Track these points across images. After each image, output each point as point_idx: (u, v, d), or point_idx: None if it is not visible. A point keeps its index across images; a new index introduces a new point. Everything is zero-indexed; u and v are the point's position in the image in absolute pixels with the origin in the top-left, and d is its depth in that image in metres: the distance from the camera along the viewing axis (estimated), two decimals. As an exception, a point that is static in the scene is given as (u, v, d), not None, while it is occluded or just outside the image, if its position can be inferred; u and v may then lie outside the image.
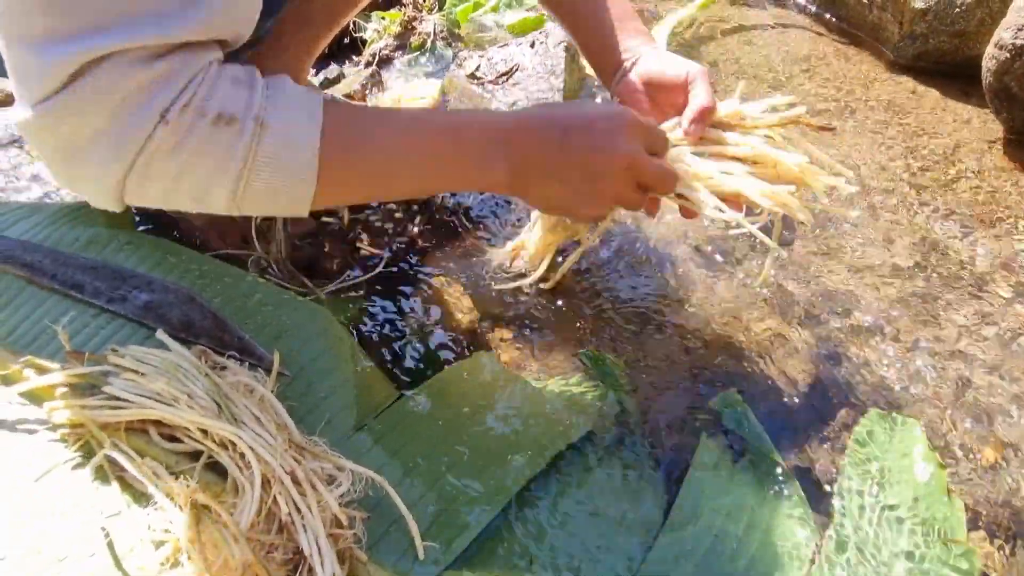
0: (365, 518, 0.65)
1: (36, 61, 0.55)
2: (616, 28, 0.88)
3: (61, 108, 0.56)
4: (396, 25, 1.52)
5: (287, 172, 0.62)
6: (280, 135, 0.61)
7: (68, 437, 0.70)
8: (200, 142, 0.59)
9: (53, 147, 0.59)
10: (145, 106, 0.57)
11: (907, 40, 1.44)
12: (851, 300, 0.98)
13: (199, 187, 0.62)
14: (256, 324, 0.83)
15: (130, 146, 0.58)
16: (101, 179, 0.60)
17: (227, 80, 0.61)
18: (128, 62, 0.56)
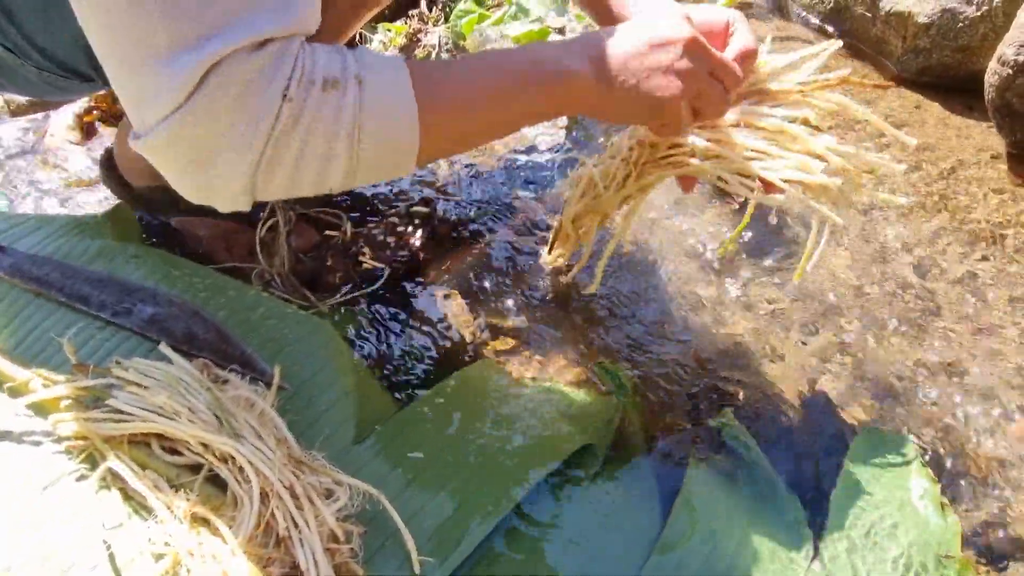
0: (362, 532, 0.66)
1: (162, 79, 0.56)
2: None
3: (191, 114, 0.57)
4: (402, 37, 1.53)
5: (392, 120, 0.65)
6: (378, 87, 0.64)
7: (72, 449, 0.71)
8: (314, 109, 0.61)
9: (187, 159, 0.60)
10: (267, 88, 0.59)
11: (910, 54, 1.44)
12: (847, 317, 0.99)
13: (321, 154, 0.63)
14: (259, 337, 0.84)
15: (261, 131, 0.59)
16: (235, 177, 0.61)
17: (322, 51, 0.63)
18: (239, 57, 0.57)
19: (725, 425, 0.83)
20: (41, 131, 1.47)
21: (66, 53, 0.84)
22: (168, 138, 0.58)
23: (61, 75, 0.88)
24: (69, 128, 1.44)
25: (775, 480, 0.78)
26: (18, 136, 1.48)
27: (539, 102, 0.72)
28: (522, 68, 0.71)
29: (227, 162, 0.60)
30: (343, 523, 0.65)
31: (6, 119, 1.54)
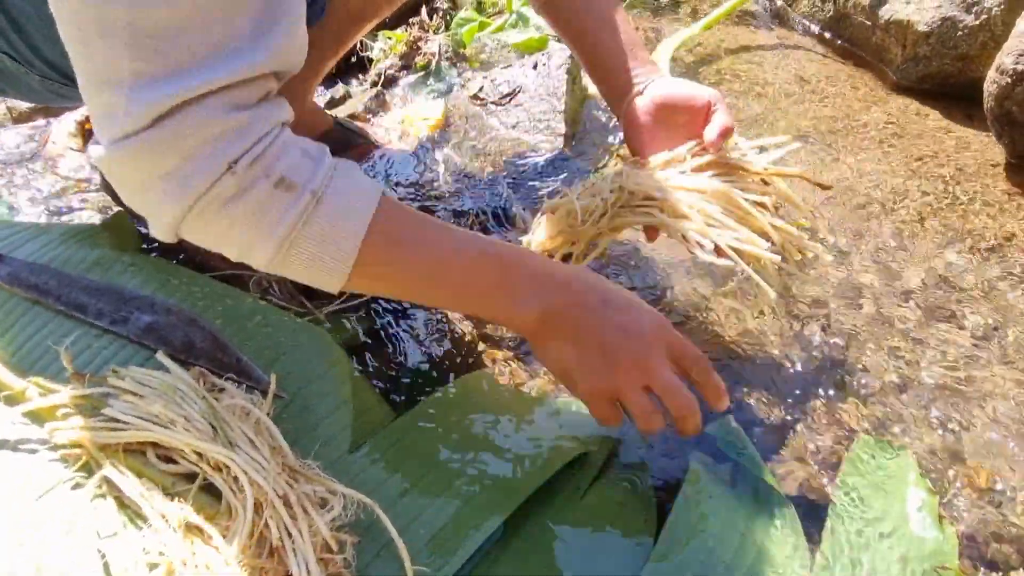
0: (356, 542, 0.66)
1: (123, 102, 0.57)
2: (626, 54, 0.90)
3: (140, 147, 0.58)
4: (402, 45, 1.54)
5: (327, 252, 0.64)
6: (330, 215, 0.63)
7: (68, 457, 0.71)
8: (257, 199, 0.61)
9: (125, 181, 0.62)
10: (218, 153, 0.59)
11: (910, 62, 1.44)
12: (848, 326, 0.99)
13: (246, 241, 0.64)
14: (256, 345, 0.85)
15: (194, 189, 0.60)
16: (162, 215, 0.62)
17: (298, 149, 0.64)
18: (210, 109, 0.58)
19: (723, 432, 0.83)
20: (43, 138, 1.48)
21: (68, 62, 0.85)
22: (117, 159, 0.60)
23: (63, 83, 0.89)
24: (71, 135, 1.45)
25: (772, 489, 0.78)
26: (20, 143, 1.48)
27: (482, 309, 0.75)
28: (489, 281, 0.70)
29: (158, 201, 0.61)
30: (337, 533, 0.65)
31: (8, 126, 1.55)
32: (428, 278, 0.70)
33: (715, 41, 1.61)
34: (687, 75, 1.48)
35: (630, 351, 0.68)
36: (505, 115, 1.31)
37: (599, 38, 0.91)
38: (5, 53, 0.83)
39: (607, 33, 0.91)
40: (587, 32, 0.92)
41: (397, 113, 1.38)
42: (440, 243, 0.69)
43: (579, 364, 0.69)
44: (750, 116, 1.37)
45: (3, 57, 0.83)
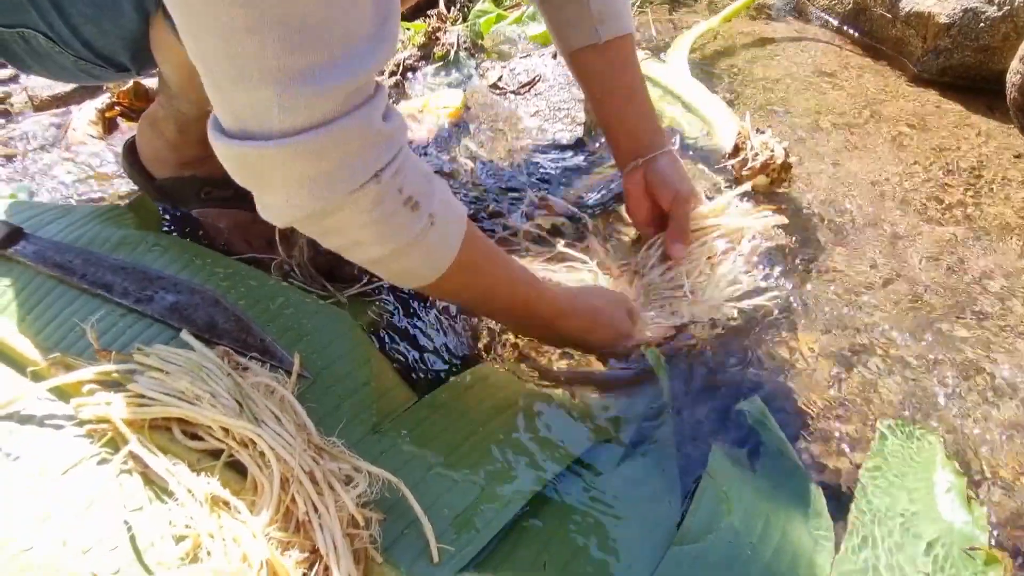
0: (381, 519, 0.66)
1: (275, 97, 0.55)
2: (638, 123, 1.02)
3: (298, 147, 0.57)
4: (420, 36, 1.54)
5: (426, 263, 0.72)
6: (438, 235, 0.70)
7: (94, 433, 0.72)
8: (388, 212, 0.65)
9: (263, 175, 0.61)
10: (369, 162, 0.62)
11: (931, 55, 1.43)
12: (873, 313, 0.98)
13: (360, 242, 0.68)
14: (279, 326, 0.85)
15: (340, 192, 0.62)
16: (295, 208, 0.63)
17: (418, 167, 0.68)
18: (369, 118, 0.60)
19: (755, 411, 0.83)
20: (64, 126, 1.49)
21: (107, 45, 0.86)
22: (268, 154, 0.58)
23: (98, 64, 0.89)
24: (91, 123, 1.46)
25: (799, 470, 0.77)
26: (41, 130, 1.49)
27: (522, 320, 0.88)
28: (517, 315, 0.86)
29: (300, 197, 0.62)
30: (363, 509, 0.65)
31: (30, 113, 1.56)
32: (484, 303, 0.87)
33: (732, 35, 1.61)
34: (706, 68, 1.48)
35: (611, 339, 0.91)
36: (524, 104, 1.31)
37: (618, 100, 1.01)
38: (41, 32, 0.84)
39: (625, 95, 1.01)
40: (609, 94, 1.01)
41: (416, 102, 1.38)
42: (499, 278, 0.81)
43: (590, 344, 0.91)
44: (767, 110, 1.37)
45: (38, 36, 0.84)
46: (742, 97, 1.40)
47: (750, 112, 1.27)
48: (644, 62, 1.46)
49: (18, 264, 0.85)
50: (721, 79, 1.46)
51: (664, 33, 1.59)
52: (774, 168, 1.12)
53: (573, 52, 0.99)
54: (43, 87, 1.58)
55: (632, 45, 1.00)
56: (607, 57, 0.98)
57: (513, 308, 0.84)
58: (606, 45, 0.97)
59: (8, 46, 0.86)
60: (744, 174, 1.12)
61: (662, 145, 1.01)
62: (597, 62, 0.99)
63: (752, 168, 1.11)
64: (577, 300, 0.89)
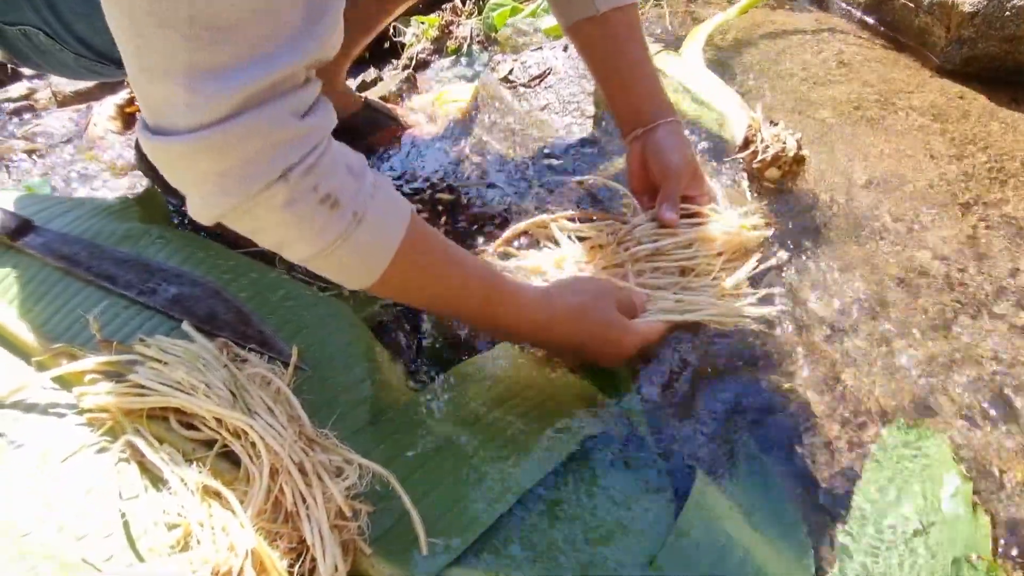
0: (370, 511, 0.67)
1: (182, 94, 0.56)
2: (640, 93, 0.99)
3: (201, 144, 0.58)
4: (434, 30, 1.54)
5: (360, 263, 0.70)
6: (368, 234, 0.68)
7: (94, 422, 0.73)
8: (303, 211, 0.63)
9: (176, 171, 0.62)
10: (277, 159, 0.61)
11: (954, 45, 1.39)
12: (882, 311, 0.96)
13: (284, 242, 0.67)
14: (279, 319, 0.85)
15: (248, 189, 0.61)
16: (209, 207, 0.63)
17: (343, 166, 0.66)
18: (276, 114, 0.59)
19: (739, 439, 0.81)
20: (84, 121, 1.52)
21: (103, 42, 0.87)
22: (175, 150, 0.59)
23: (97, 61, 0.90)
24: (111, 118, 1.48)
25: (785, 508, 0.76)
26: (63, 125, 1.52)
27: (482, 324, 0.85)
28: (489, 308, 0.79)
29: (210, 193, 0.62)
30: (351, 501, 0.65)
31: (53, 109, 1.59)
32: (438, 306, 0.83)
33: (751, 25, 1.58)
34: (723, 60, 1.46)
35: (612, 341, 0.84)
36: (535, 97, 1.30)
37: (619, 66, 0.99)
38: (41, 29, 0.85)
39: (628, 61, 0.98)
40: (609, 60, 0.99)
41: (428, 95, 1.38)
42: (451, 277, 0.77)
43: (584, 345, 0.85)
44: (785, 102, 1.34)
45: (39, 33, 0.85)
46: (759, 89, 1.38)
47: (762, 104, 1.24)
48: (658, 55, 1.44)
49: (27, 255, 0.86)
50: (738, 71, 1.43)
51: (681, 26, 1.56)
52: (785, 160, 1.10)
53: (572, 25, 0.98)
54: (67, 83, 1.61)
55: (634, 17, 0.98)
56: (606, 29, 0.96)
57: (472, 312, 0.80)
58: (605, 17, 0.95)
59: (14, 44, 0.87)
60: (755, 166, 1.10)
61: (664, 115, 0.99)
62: (596, 34, 0.97)
63: (763, 160, 1.09)
64: (555, 300, 0.82)
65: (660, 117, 0.98)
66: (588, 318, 0.82)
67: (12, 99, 1.60)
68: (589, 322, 0.82)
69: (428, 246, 0.75)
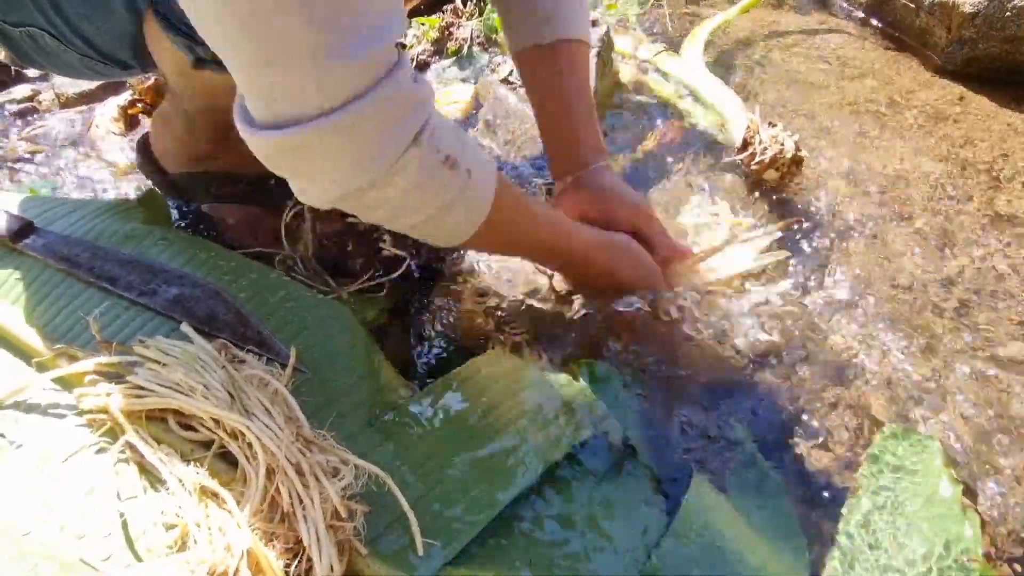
0: (367, 512, 0.67)
1: (312, 77, 0.55)
2: (576, 135, 0.96)
3: (341, 122, 0.57)
4: (434, 31, 1.54)
5: (467, 217, 0.72)
6: (476, 189, 0.70)
7: (94, 423, 0.73)
8: (430, 174, 0.65)
9: (303, 160, 0.61)
10: (407, 126, 0.61)
11: (955, 45, 1.39)
12: (880, 310, 0.96)
13: (408, 207, 0.68)
14: (278, 320, 0.86)
15: (385, 161, 0.61)
16: (337, 186, 0.63)
17: (447, 123, 0.67)
18: (401, 81, 0.59)
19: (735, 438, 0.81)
20: (88, 122, 1.52)
21: (107, 42, 0.87)
22: (311, 135, 0.58)
23: (101, 62, 0.91)
24: (113, 120, 1.49)
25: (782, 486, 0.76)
26: (66, 127, 1.53)
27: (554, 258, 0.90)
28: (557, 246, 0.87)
29: (344, 174, 0.62)
30: (348, 501, 0.66)
31: (56, 111, 1.60)
32: (518, 246, 0.87)
33: (752, 25, 1.58)
34: (722, 61, 1.46)
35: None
36: (534, 99, 1.30)
37: (561, 114, 0.96)
38: (46, 31, 0.86)
39: (570, 110, 0.95)
40: (553, 103, 0.96)
41: (427, 97, 1.39)
42: (531, 220, 0.82)
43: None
44: (786, 102, 1.34)
45: (44, 34, 0.86)
46: (760, 90, 1.38)
47: (761, 105, 1.25)
48: (658, 56, 1.45)
49: (28, 257, 0.87)
50: (739, 72, 1.43)
51: (681, 26, 1.57)
52: (783, 162, 1.10)
53: (519, 52, 0.95)
54: (70, 85, 1.62)
55: (583, 53, 0.95)
56: (550, 60, 0.93)
57: (546, 246, 0.85)
58: (552, 47, 0.92)
59: (19, 46, 0.88)
60: (753, 168, 1.10)
61: (599, 158, 0.95)
62: (539, 64, 0.94)
63: (761, 162, 1.10)
64: (603, 234, 0.90)
65: (594, 160, 0.95)
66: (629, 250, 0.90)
67: (16, 100, 1.61)
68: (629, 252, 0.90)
69: (512, 192, 0.78)
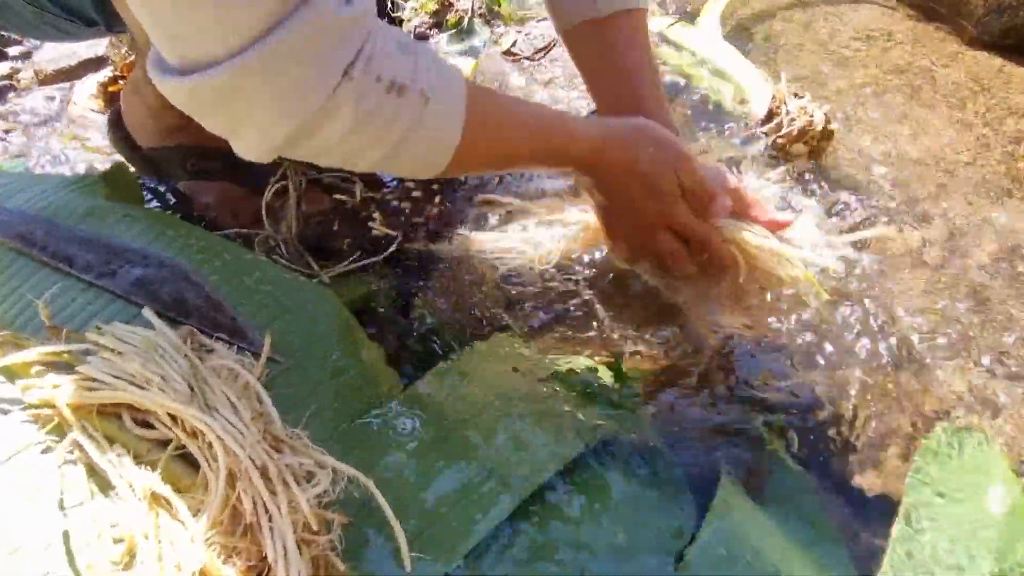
0: (346, 522, 0.58)
1: (214, 11, 0.50)
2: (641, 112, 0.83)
3: (257, 60, 0.51)
4: (433, 3, 1.45)
5: (434, 145, 0.65)
6: (437, 112, 0.63)
7: (39, 418, 0.65)
8: (373, 107, 0.58)
9: (224, 108, 0.56)
10: (335, 59, 0.54)
11: (993, 14, 1.29)
12: (923, 300, 0.86)
13: (356, 148, 0.62)
14: (254, 304, 0.77)
15: (311, 103, 0.55)
16: (268, 137, 0.57)
17: (394, 43, 0.60)
18: (323, 6, 0.52)
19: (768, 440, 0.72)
20: (66, 100, 1.44)
21: None
22: (229, 79, 0.52)
23: (64, 18, 0.83)
24: (92, 97, 1.41)
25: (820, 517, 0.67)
26: (43, 104, 1.45)
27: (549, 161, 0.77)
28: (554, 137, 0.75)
29: (271, 120, 0.56)
30: (323, 511, 0.57)
31: (35, 88, 1.52)
32: (511, 161, 0.78)
33: (772, -4, 1.48)
34: (742, 32, 1.36)
35: (651, 209, 0.78)
36: (539, 71, 1.21)
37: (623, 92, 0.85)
38: None
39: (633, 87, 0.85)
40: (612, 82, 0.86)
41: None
42: (514, 131, 0.72)
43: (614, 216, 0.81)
44: (810, 75, 1.25)
45: None
46: (781, 62, 1.28)
47: (786, 76, 1.15)
48: (673, 27, 1.35)
49: (-22, 235, 0.79)
50: (759, 43, 1.34)
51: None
52: (813, 135, 1.00)
53: (570, 30, 0.86)
54: (48, 61, 1.54)
55: (640, 22, 0.85)
56: (606, 34, 0.84)
57: (545, 154, 0.75)
58: (606, 21, 0.83)
59: (-36, 0, 0.80)
60: (779, 141, 1.01)
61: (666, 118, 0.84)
62: (594, 40, 0.84)
63: (788, 134, 1.00)
64: (611, 123, 0.79)
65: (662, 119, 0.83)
66: (645, 133, 0.77)
67: (-7, 78, 1.53)
68: (646, 136, 0.77)
69: (490, 105, 0.70)
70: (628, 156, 0.75)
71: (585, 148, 0.75)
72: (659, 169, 0.75)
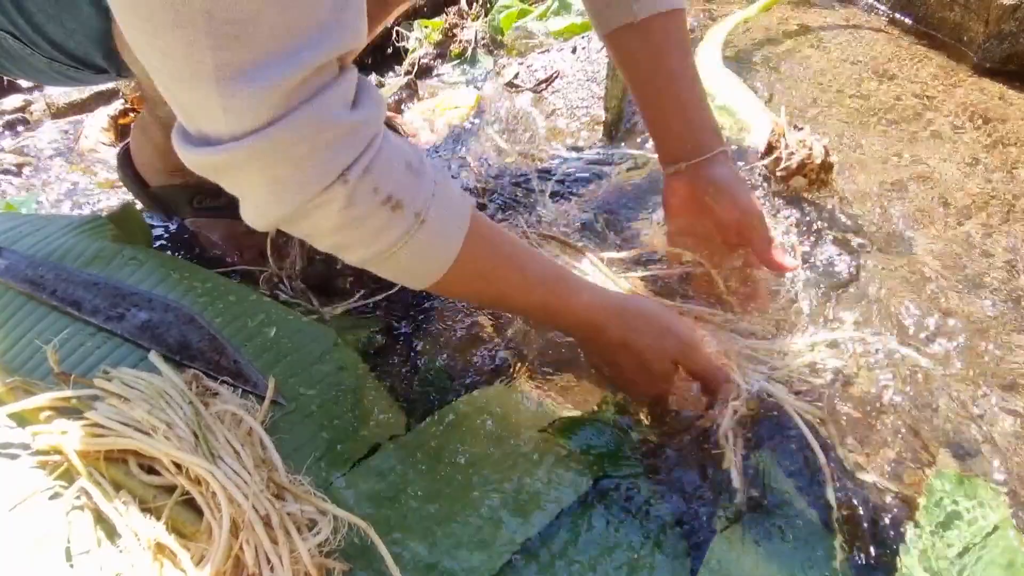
0: (346, 569, 0.59)
1: (216, 98, 0.51)
2: (682, 117, 0.86)
3: (251, 150, 0.54)
4: (437, 33, 1.47)
5: (421, 264, 0.67)
6: (431, 235, 0.64)
7: (48, 464, 0.66)
8: (364, 214, 0.60)
9: (228, 180, 0.58)
10: (331, 160, 0.57)
11: (993, 41, 1.30)
12: (924, 336, 0.87)
13: (342, 245, 0.64)
14: (257, 346, 0.79)
15: (305, 194, 0.57)
16: (263, 215, 0.60)
17: (402, 162, 0.62)
18: (322, 111, 0.54)
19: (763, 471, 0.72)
20: (77, 133, 1.47)
21: (77, 45, 0.81)
22: (224, 159, 0.55)
23: (72, 66, 0.85)
24: (103, 130, 1.43)
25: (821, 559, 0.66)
26: (55, 138, 1.47)
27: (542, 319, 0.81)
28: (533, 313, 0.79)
29: (266, 201, 0.58)
30: (324, 559, 0.58)
31: (47, 122, 1.55)
32: (497, 305, 0.83)
33: (772, 24, 1.49)
34: (743, 60, 1.37)
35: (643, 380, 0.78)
36: (541, 102, 1.22)
37: (663, 96, 0.86)
38: (8, 32, 0.79)
39: (676, 84, 0.86)
40: (652, 85, 0.87)
41: (429, 102, 1.31)
42: (511, 279, 0.73)
43: (620, 377, 0.80)
44: (810, 105, 1.26)
45: (6, 36, 0.79)
46: (782, 92, 1.29)
47: (786, 107, 1.16)
48: (674, 56, 1.36)
49: (-11, 280, 0.80)
50: (759, 72, 1.35)
51: (699, 25, 1.48)
52: (812, 168, 1.01)
53: (610, 34, 0.87)
54: (60, 95, 1.56)
55: (679, 24, 0.86)
56: (646, 38, 0.84)
57: (537, 307, 0.76)
58: (644, 24, 0.84)
59: (-17, 51, 0.82)
60: (779, 174, 1.02)
61: (712, 147, 0.85)
62: (634, 44, 0.85)
63: (788, 168, 1.01)
64: (614, 297, 0.78)
65: (708, 147, 0.85)
66: (647, 320, 0.76)
67: (6, 111, 1.56)
68: (647, 323, 0.76)
69: (490, 246, 0.71)
70: (625, 338, 0.75)
71: (582, 321, 0.76)
72: (655, 356, 0.75)
